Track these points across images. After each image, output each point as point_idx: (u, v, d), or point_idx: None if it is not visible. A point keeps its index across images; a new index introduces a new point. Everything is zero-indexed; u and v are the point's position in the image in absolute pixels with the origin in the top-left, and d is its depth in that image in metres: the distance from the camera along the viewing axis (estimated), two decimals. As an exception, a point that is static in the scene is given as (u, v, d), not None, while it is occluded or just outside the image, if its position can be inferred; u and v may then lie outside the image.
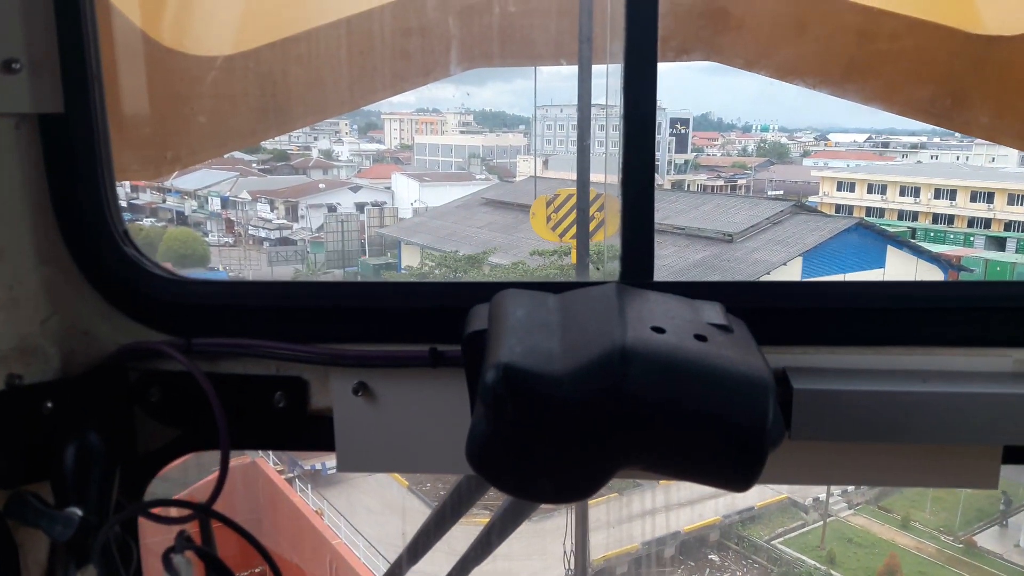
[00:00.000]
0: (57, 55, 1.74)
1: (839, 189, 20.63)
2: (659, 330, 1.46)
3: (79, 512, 1.58)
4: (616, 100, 2.04)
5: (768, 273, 18.83)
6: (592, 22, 2.69)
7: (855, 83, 2.80)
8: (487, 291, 1.74)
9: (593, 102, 3.12)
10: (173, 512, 1.78)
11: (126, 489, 1.85)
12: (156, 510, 1.74)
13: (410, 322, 1.91)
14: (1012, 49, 2.55)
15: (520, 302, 1.63)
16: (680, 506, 20.00)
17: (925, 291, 1.98)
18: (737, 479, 1.44)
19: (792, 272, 18.87)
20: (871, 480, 1.96)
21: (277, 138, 25.56)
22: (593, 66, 3.02)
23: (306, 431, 1.95)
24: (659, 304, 1.62)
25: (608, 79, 2.80)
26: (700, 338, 1.48)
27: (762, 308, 1.83)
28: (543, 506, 2.00)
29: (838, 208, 20.60)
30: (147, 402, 1.87)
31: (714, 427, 1.41)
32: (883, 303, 1.92)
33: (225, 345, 1.88)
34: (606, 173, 2.83)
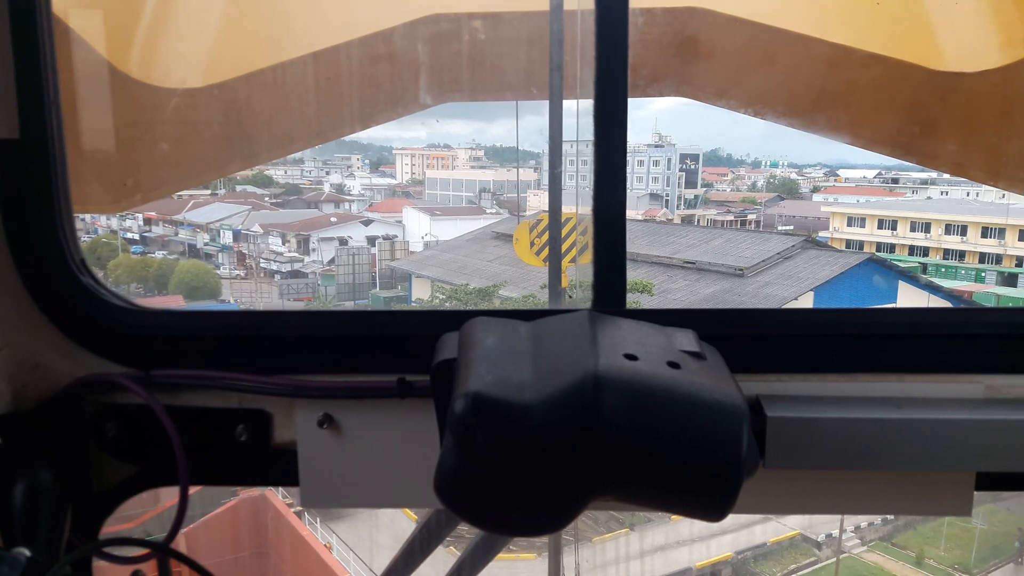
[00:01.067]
0: (13, 81, 1.72)
1: (849, 224, 20.61)
2: (632, 357, 1.44)
3: (27, 552, 1.51)
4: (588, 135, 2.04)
5: (780, 308, 18.68)
6: (562, 50, 2.67)
7: (823, 113, 2.80)
8: (457, 319, 1.72)
9: (565, 139, 3.13)
10: (130, 552, 1.71)
11: (81, 527, 1.79)
12: (111, 549, 1.67)
13: (378, 352, 1.87)
14: (975, 85, 2.55)
15: (490, 330, 1.61)
16: (692, 542, 19.76)
17: (897, 318, 1.97)
18: (711, 508, 1.41)
19: (804, 307, 18.75)
20: (846, 509, 1.94)
21: (289, 173, 25.92)
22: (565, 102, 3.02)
23: (269, 465, 1.89)
24: (632, 331, 1.61)
25: (579, 118, 2.78)
26: (673, 365, 1.46)
27: (735, 335, 1.82)
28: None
29: (849, 243, 20.56)
30: (104, 437, 1.81)
31: (688, 456, 1.38)
32: (855, 330, 1.91)
33: (185, 377, 1.82)
34: (578, 204, 2.83)
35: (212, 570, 1.78)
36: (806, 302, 19.00)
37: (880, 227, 19.94)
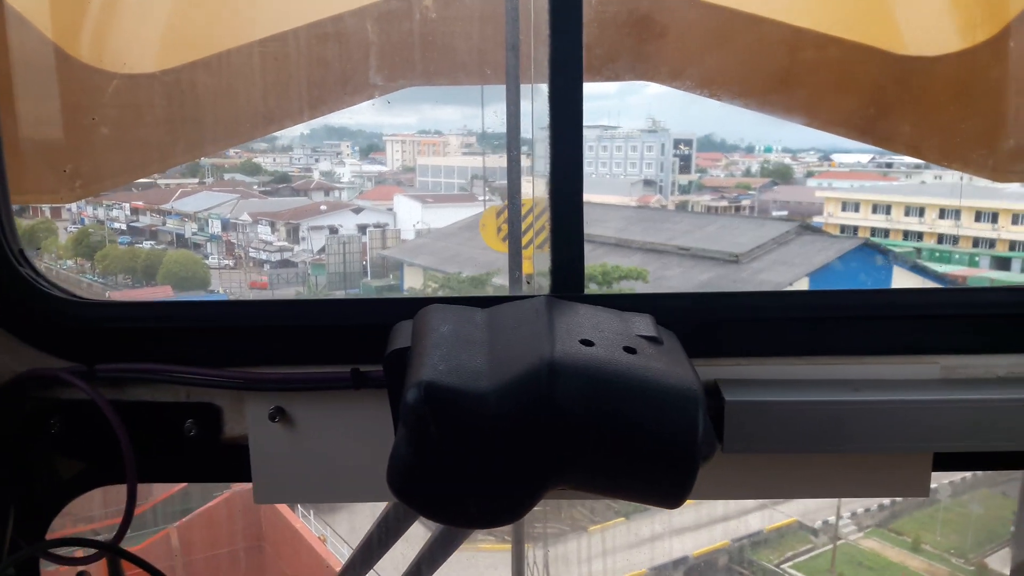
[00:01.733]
0: None
1: (844, 209, 20.60)
2: (588, 343, 1.43)
3: None
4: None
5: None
6: (518, 29, 2.63)
7: (779, 94, 2.83)
8: (412, 307, 1.69)
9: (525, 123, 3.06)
10: (77, 552, 1.68)
11: (26, 528, 1.74)
12: (58, 550, 1.62)
13: (330, 342, 1.83)
14: (933, 68, 2.55)
15: (445, 318, 1.59)
16: (688, 530, 19.88)
17: (853, 300, 2.00)
18: (669, 494, 1.41)
19: (798, 292, 18.72)
20: (805, 492, 1.94)
21: (278, 161, 25.80)
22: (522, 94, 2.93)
23: (220, 461, 1.87)
24: (589, 317, 1.60)
25: (534, 102, 2.69)
26: (629, 350, 1.45)
27: (693, 320, 1.85)
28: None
29: (843, 228, 20.55)
30: (47, 434, 1.82)
31: (644, 441, 1.37)
32: (813, 313, 1.94)
33: (131, 370, 1.77)
34: (534, 189, 2.75)
35: (206, 564, 1.79)
36: (801, 287, 18.96)
37: (874, 212, 19.93)
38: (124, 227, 25.74)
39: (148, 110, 2.52)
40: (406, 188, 24.71)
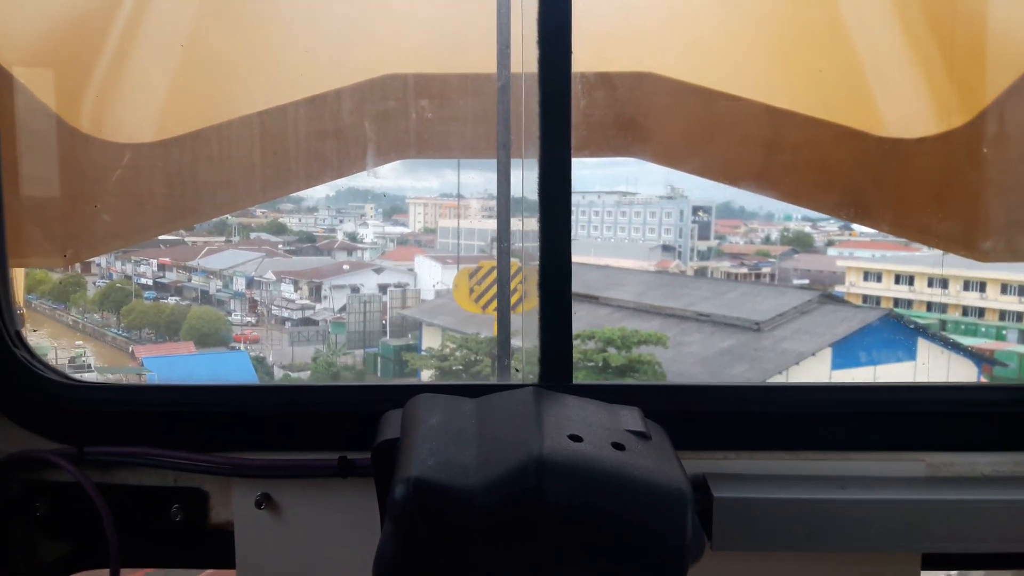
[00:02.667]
0: None
1: (866, 279, 20.41)
2: (576, 438, 1.45)
3: None
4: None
5: (797, 363, 18.57)
6: (509, 130, 2.72)
7: (765, 188, 2.89)
8: (400, 394, 1.71)
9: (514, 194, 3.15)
10: None
11: None
12: None
13: (318, 429, 1.87)
14: (913, 150, 2.64)
15: (435, 408, 1.61)
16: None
17: (839, 395, 2.06)
18: None
19: (822, 362, 18.56)
20: None
21: (303, 221, 26.22)
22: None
23: (205, 547, 1.88)
24: (577, 410, 1.62)
25: (524, 191, 2.77)
26: (618, 446, 1.47)
27: (680, 412, 1.89)
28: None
29: (865, 298, 20.34)
30: (32, 516, 1.85)
31: (632, 540, 1.38)
32: (799, 407, 1.99)
33: (119, 454, 1.81)
34: (523, 262, 2.81)
35: None
36: (824, 358, 18.76)
37: (897, 282, 19.72)
38: (151, 282, 26.13)
39: (148, 199, 2.62)
40: (427, 249, 24.93)
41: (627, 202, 24.07)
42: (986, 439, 2.00)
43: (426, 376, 20.34)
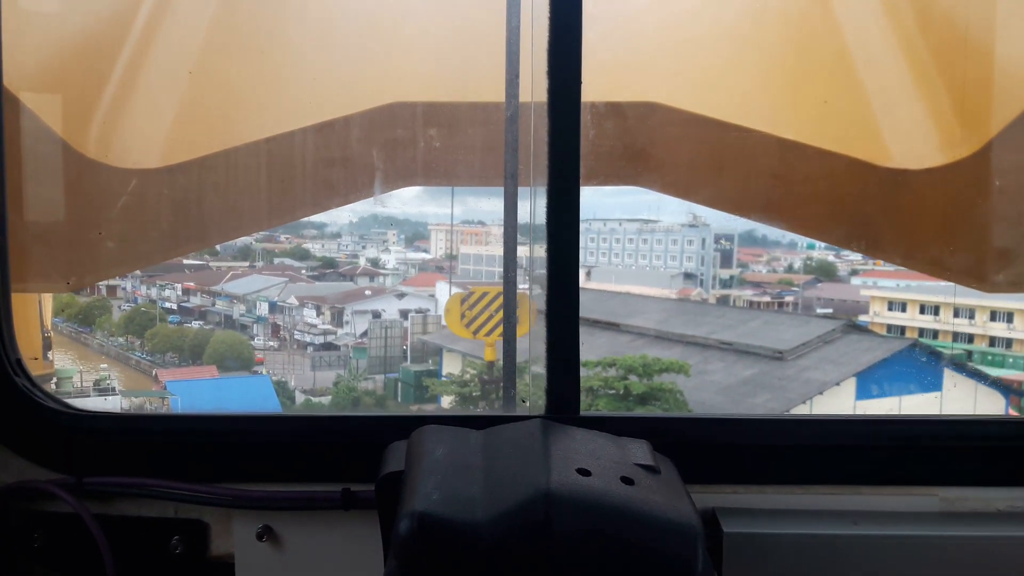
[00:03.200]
0: None
1: (890, 309, 20.17)
2: (585, 472, 1.45)
3: None
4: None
5: (821, 393, 18.34)
6: (517, 160, 2.73)
7: (776, 219, 2.89)
8: (405, 425, 1.74)
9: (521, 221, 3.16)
10: None
11: None
12: None
13: (321, 460, 1.90)
14: (919, 181, 2.67)
15: (440, 440, 1.62)
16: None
17: (851, 428, 2.06)
18: None
19: (846, 392, 18.32)
20: None
21: (326, 247, 26.49)
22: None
23: None
24: (585, 443, 1.62)
25: (533, 199, 2.78)
26: (627, 481, 1.47)
27: (689, 444, 1.92)
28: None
29: (889, 328, 20.09)
30: (30, 547, 1.84)
31: None
32: (810, 441, 2.01)
33: (119, 484, 1.83)
34: (531, 291, 2.82)
35: None
36: (848, 388, 18.53)
37: (922, 312, 19.47)
38: (175, 307, 26.38)
39: (153, 225, 2.65)
40: (448, 275, 25.00)
41: (649, 230, 24.06)
42: (1001, 474, 1.97)
43: (446, 402, 20.31)
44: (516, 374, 3.42)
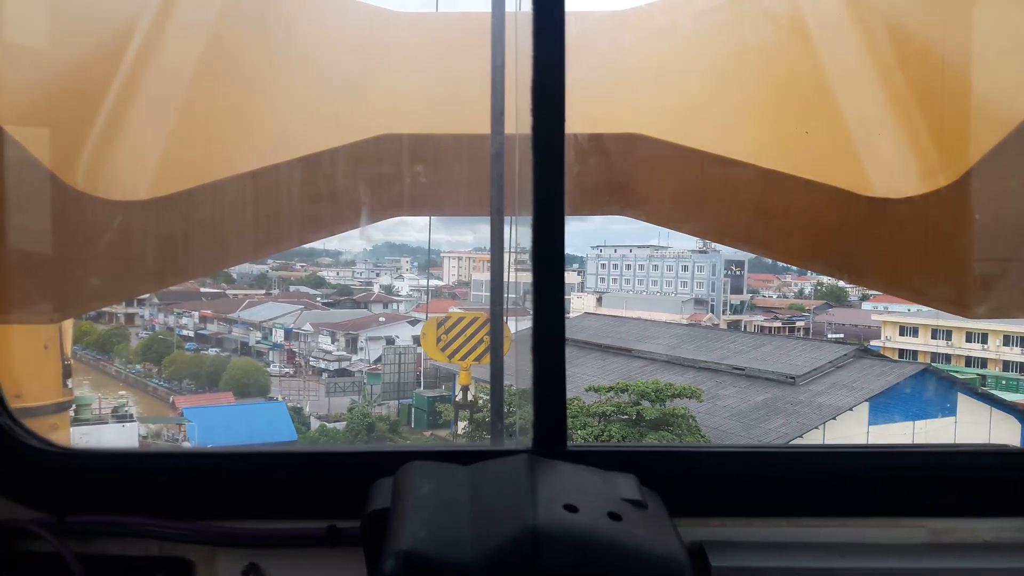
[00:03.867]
0: None
1: (902, 333, 20.01)
2: (572, 508, 1.39)
3: None
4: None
5: (834, 418, 18.19)
6: (502, 195, 2.72)
7: (760, 249, 2.86)
8: (391, 461, 1.67)
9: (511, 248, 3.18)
10: None
11: None
12: None
13: (307, 496, 1.79)
14: (899, 210, 2.62)
15: (426, 476, 1.55)
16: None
17: (837, 460, 1.96)
18: None
19: (859, 417, 18.16)
20: None
21: (341, 274, 26.77)
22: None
23: None
24: (572, 478, 1.57)
25: (516, 227, 2.78)
26: (614, 516, 1.41)
27: (675, 477, 1.81)
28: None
29: (901, 353, 19.92)
30: None
31: None
32: (796, 472, 1.90)
33: (101, 523, 1.73)
34: (517, 325, 2.83)
35: None
36: (861, 413, 18.35)
37: (934, 337, 19.29)
38: (192, 334, 26.57)
39: (139, 262, 2.62)
40: (460, 301, 25.04)
41: (659, 256, 24.06)
42: (987, 504, 1.92)
43: (460, 427, 20.26)
44: (503, 408, 3.41)
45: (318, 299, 26.59)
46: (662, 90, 3.21)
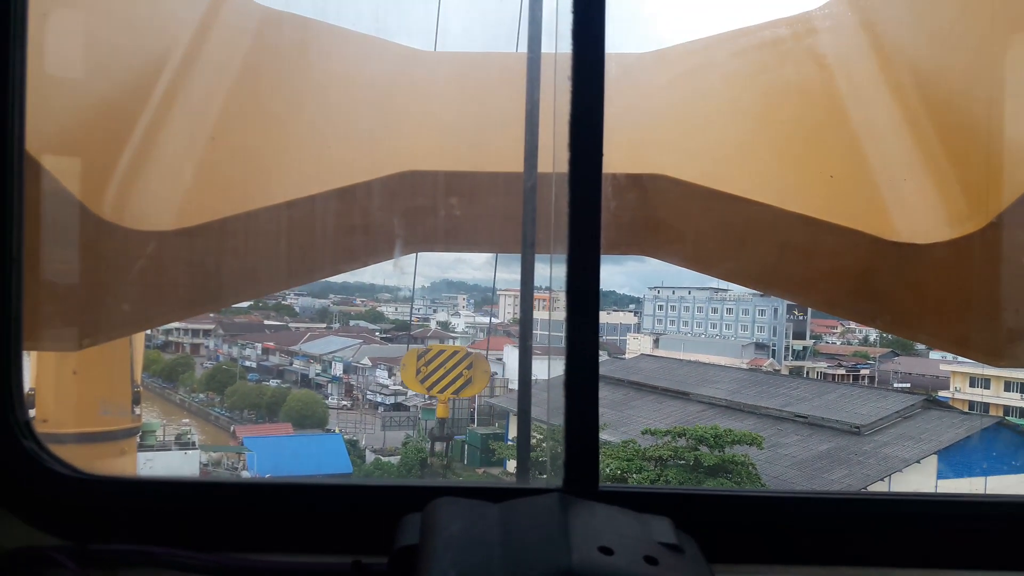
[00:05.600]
0: None
1: (972, 385, 19.27)
2: (607, 551, 1.36)
3: None
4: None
5: (901, 470, 17.58)
6: (535, 230, 2.71)
7: (800, 297, 2.80)
8: (418, 496, 1.66)
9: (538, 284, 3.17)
10: None
11: None
12: None
13: (331, 530, 1.77)
14: (925, 255, 2.60)
15: (456, 514, 1.52)
16: None
17: (880, 508, 1.89)
18: None
19: (927, 471, 17.52)
20: None
21: (399, 310, 27.12)
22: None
23: None
24: (606, 519, 1.53)
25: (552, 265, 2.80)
26: (650, 560, 1.37)
27: (711, 522, 1.76)
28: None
29: (971, 405, 19.18)
30: None
31: None
32: (834, 519, 1.84)
33: (123, 552, 1.72)
34: (550, 368, 2.81)
35: None
36: (929, 466, 17.71)
37: (1007, 389, 18.55)
38: (254, 365, 27.08)
39: (171, 290, 2.66)
40: (515, 339, 25.05)
41: (719, 298, 23.76)
42: (1000, 557, 1.83)
43: (511, 466, 20.15)
44: (530, 445, 3.37)
45: (377, 334, 26.90)
46: (696, 135, 3.21)
